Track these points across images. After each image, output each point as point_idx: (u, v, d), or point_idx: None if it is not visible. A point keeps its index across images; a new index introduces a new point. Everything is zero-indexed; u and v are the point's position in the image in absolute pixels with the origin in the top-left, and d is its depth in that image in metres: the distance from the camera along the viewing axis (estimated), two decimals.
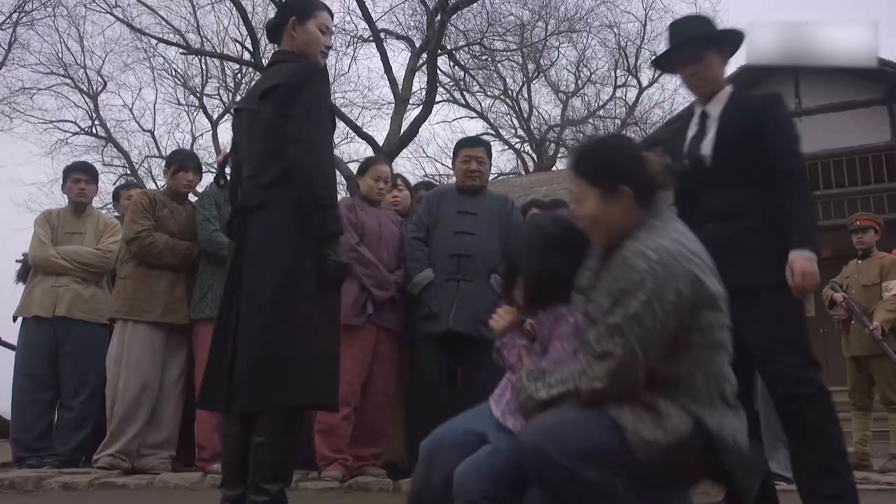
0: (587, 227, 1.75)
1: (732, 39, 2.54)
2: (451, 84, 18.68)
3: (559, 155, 20.29)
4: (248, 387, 2.20)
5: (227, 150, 4.01)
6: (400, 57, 19.45)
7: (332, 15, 2.60)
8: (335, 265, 2.26)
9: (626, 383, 1.58)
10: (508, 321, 1.95)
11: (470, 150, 3.86)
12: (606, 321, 1.59)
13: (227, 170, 3.91)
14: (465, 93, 19.48)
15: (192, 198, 4.14)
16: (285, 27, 2.50)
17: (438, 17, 12.30)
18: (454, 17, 13.44)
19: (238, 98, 19.48)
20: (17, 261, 9.92)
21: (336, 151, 16.25)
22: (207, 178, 4.87)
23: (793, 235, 2.27)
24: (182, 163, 3.97)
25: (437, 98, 15.07)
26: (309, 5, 2.52)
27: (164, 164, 4.26)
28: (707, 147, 2.47)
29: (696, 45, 2.49)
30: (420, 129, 12.83)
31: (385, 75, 13.26)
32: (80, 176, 4.27)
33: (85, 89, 18.74)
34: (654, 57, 2.71)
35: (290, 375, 2.19)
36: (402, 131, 12.70)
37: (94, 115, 19.09)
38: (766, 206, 2.37)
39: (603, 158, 1.75)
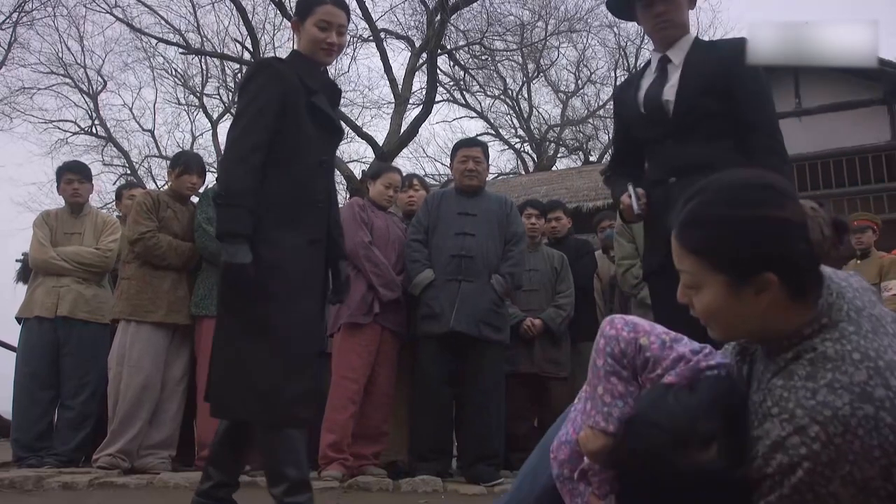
0: (707, 322, 1.19)
1: None
2: (451, 84, 18.71)
3: (559, 155, 20.32)
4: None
5: None
6: (400, 57, 19.49)
7: (342, 7, 2.38)
8: (226, 265, 2.10)
9: None
10: (602, 446, 1.31)
11: (467, 150, 3.88)
12: None
13: None
14: (465, 93, 19.51)
15: (194, 199, 4.14)
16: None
17: (438, 17, 12.30)
18: (454, 16, 13.45)
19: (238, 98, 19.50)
20: (17, 260, 9.97)
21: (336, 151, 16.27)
22: (208, 179, 4.88)
23: None
24: (186, 165, 3.98)
25: (437, 98, 15.09)
26: (307, 2, 2.37)
27: (166, 164, 4.26)
28: (670, 93, 2.23)
29: None
30: (420, 129, 12.84)
31: (385, 75, 13.28)
32: (72, 176, 4.25)
33: (85, 89, 18.78)
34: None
35: (209, 382, 2.23)
36: (402, 131, 12.71)
37: (94, 115, 19.12)
38: (737, 161, 2.05)
39: (727, 230, 1.12)
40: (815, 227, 1.14)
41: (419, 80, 14.44)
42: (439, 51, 13.28)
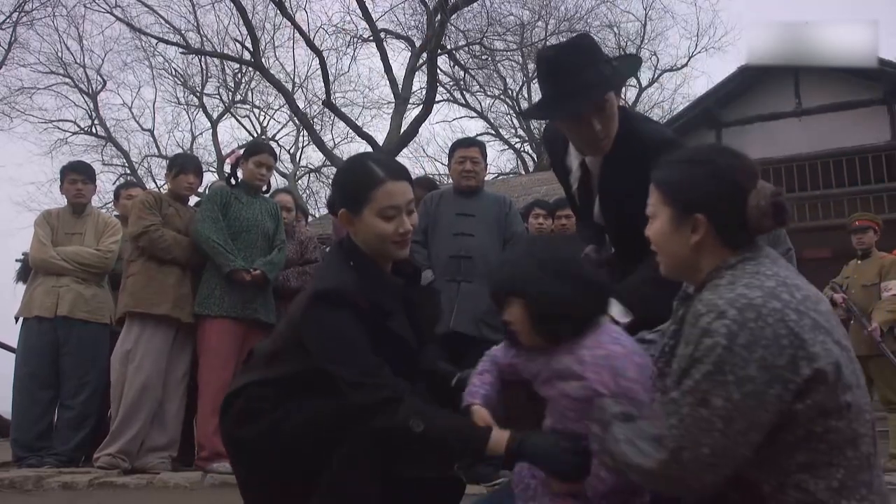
0: (656, 250, 1.42)
1: (632, 70, 1.98)
2: (451, 84, 18.74)
3: None
4: None
5: (240, 151, 4.04)
6: (400, 57, 19.46)
7: (403, 177, 1.77)
8: None
9: (689, 485, 1.21)
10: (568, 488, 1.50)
11: (465, 150, 3.88)
12: (668, 396, 1.25)
13: (239, 171, 3.95)
14: (465, 92, 19.53)
15: (194, 199, 4.15)
16: None
17: (438, 17, 12.30)
18: (454, 16, 13.45)
19: (238, 97, 19.51)
20: (17, 260, 9.96)
21: (336, 151, 16.30)
22: (208, 178, 4.88)
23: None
24: (182, 165, 3.99)
25: (437, 98, 15.10)
26: (357, 187, 1.75)
27: (164, 164, 4.27)
28: (598, 216, 2.07)
29: (592, 91, 1.84)
30: (420, 129, 12.87)
31: (385, 75, 13.30)
32: (76, 177, 4.26)
33: (84, 89, 18.77)
34: (530, 109, 2.22)
35: None
36: (402, 131, 12.72)
37: (94, 115, 19.12)
38: None
39: (683, 171, 1.37)
40: (755, 196, 1.30)
41: (419, 80, 14.47)
42: (439, 51, 13.28)
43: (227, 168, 4.09)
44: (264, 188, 4.01)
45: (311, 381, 1.66)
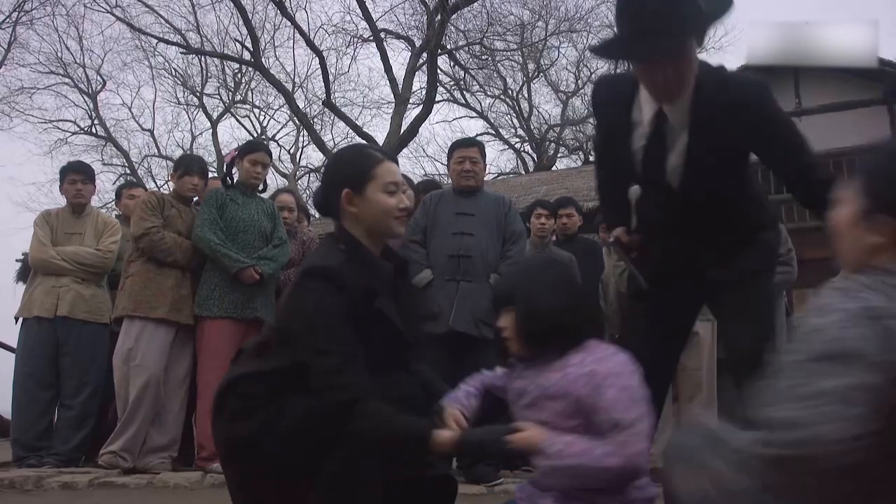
0: (835, 236, 1.27)
1: (721, 11, 1.77)
2: (451, 84, 18.71)
3: (559, 155, 20.32)
4: None
5: (236, 152, 4.04)
6: (400, 56, 19.45)
7: (395, 160, 1.89)
8: None
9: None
10: None
11: (464, 150, 3.88)
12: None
13: (235, 171, 3.94)
14: (465, 92, 19.50)
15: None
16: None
17: (438, 17, 12.31)
18: (454, 16, 13.46)
19: (238, 97, 19.51)
20: (17, 260, 9.96)
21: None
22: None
23: None
24: (187, 167, 3.99)
25: (437, 98, 15.09)
26: (359, 166, 1.80)
27: (166, 164, 4.28)
28: (675, 170, 1.91)
29: (681, 31, 1.72)
30: (420, 129, 12.88)
31: (385, 75, 13.30)
32: (76, 177, 4.25)
33: (84, 88, 18.75)
34: (600, 45, 2.05)
35: None
36: (402, 131, 12.73)
37: (94, 115, 19.10)
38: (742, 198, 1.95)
39: (883, 165, 1.20)
40: None
41: (419, 80, 14.46)
42: (439, 51, 13.29)
43: (225, 169, 4.09)
44: (260, 187, 4.01)
45: (301, 374, 1.66)
